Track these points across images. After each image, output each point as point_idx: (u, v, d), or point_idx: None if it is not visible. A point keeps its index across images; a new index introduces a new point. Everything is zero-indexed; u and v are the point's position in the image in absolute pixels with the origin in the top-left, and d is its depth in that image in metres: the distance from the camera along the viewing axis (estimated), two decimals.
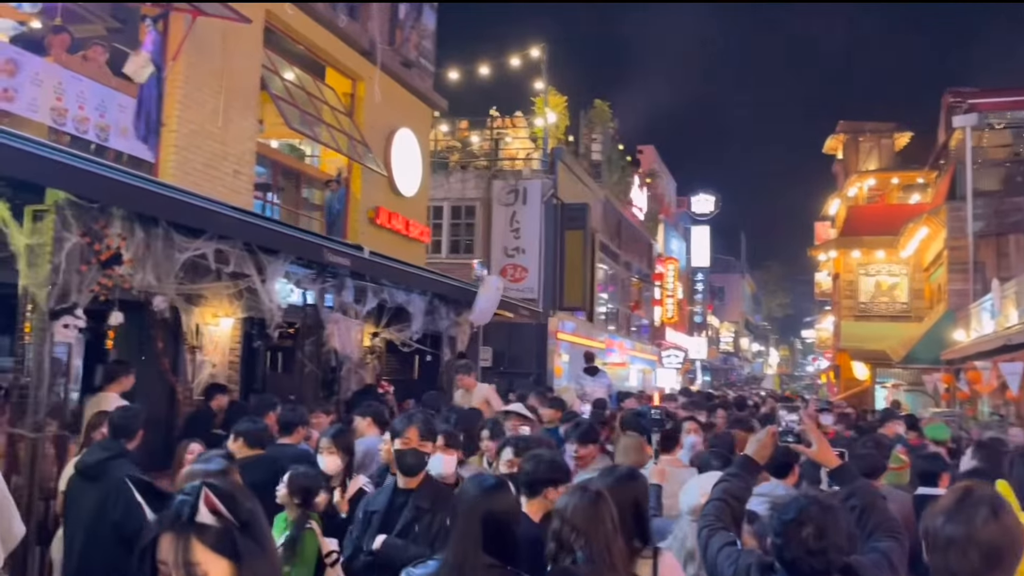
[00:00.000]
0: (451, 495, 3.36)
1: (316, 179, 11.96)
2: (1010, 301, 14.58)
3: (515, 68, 19.22)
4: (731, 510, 2.90)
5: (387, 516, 3.71)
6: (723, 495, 2.94)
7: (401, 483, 3.77)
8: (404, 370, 14.37)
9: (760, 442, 3.08)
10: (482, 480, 2.97)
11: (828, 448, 2.97)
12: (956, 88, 24.59)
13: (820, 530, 2.36)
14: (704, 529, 2.85)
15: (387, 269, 9.46)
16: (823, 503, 2.46)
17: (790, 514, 2.43)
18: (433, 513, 3.61)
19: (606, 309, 24.87)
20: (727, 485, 2.97)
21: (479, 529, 2.75)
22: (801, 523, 2.38)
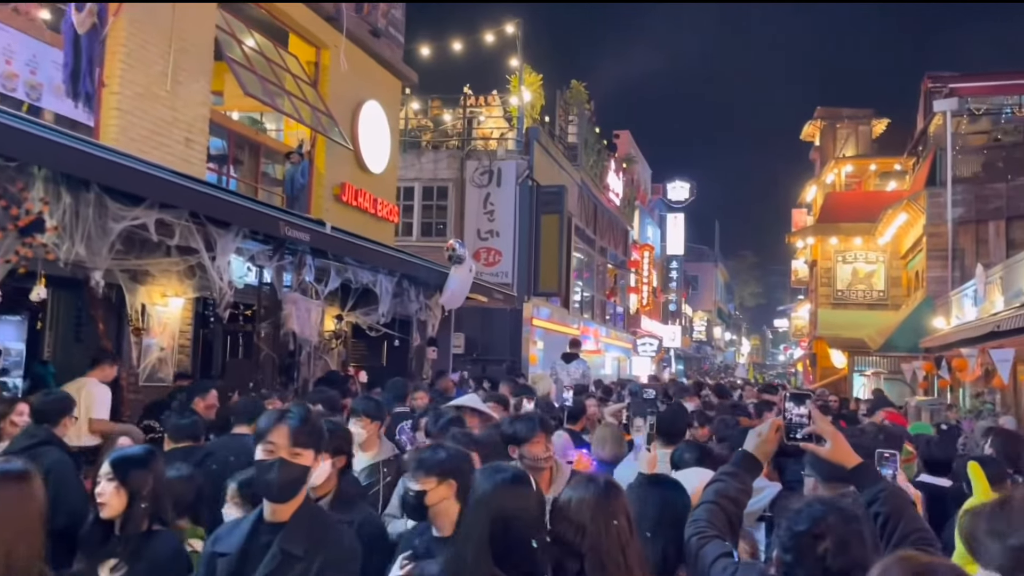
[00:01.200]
0: (341, 534, 2.57)
1: (277, 152, 11.25)
2: (995, 287, 14.24)
3: (489, 45, 18.55)
4: (726, 515, 2.36)
5: (240, 564, 2.46)
6: (717, 497, 2.39)
7: (267, 513, 2.52)
8: (372, 356, 13.76)
9: (762, 437, 2.51)
10: (496, 471, 2.41)
11: (846, 445, 2.41)
12: (935, 73, 24.32)
13: (841, 544, 1.91)
14: (694, 538, 2.33)
15: (351, 247, 8.80)
16: (844, 511, 1.99)
17: (803, 524, 1.95)
18: (308, 562, 2.42)
19: (581, 296, 24.34)
20: (722, 485, 2.42)
21: (488, 533, 2.24)
22: (817, 536, 1.92)
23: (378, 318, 10.35)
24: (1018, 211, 19.63)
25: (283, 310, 8.09)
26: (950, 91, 21.67)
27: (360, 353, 14.06)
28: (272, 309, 8.27)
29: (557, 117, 21.83)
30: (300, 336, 8.22)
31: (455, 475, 2.77)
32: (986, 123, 22.75)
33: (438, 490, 2.74)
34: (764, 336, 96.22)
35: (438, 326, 11.42)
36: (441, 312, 11.63)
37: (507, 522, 2.23)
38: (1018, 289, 12.19)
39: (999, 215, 19.92)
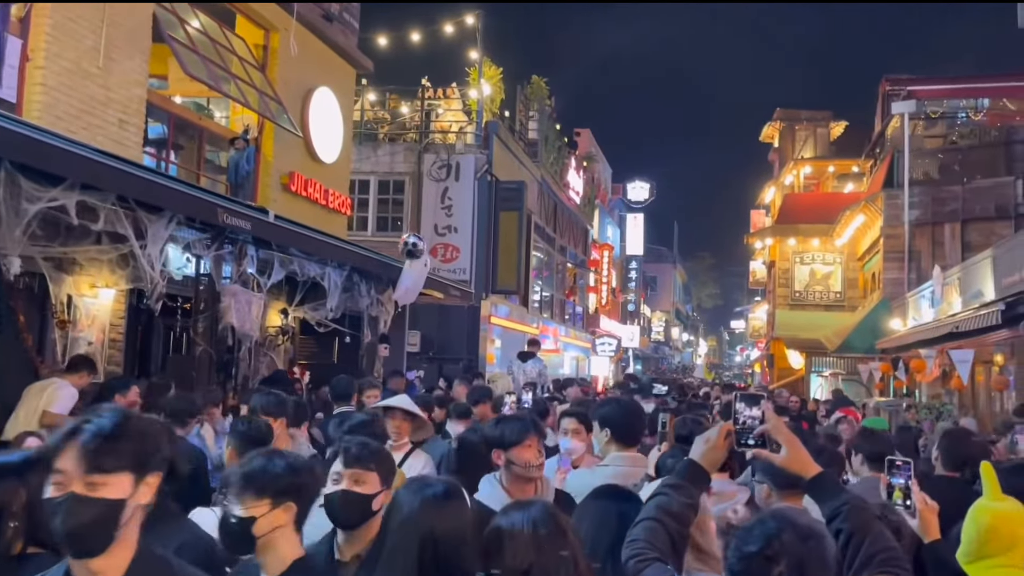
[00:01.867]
0: None
1: (222, 138, 10.68)
2: (953, 288, 14.22)
3: (448, 36, 18.13)
4: (668, 534, 1.99)
5: None
6: (658, 513, 2.01)
7: (76, 568, 1.76)
8: (322, 353, 13.24)
9: (710, 443, 2.15)
10: (424, 486, 2.05)
11: (803, 452, 2.07)
12: (893, 75, 24.48)
13: (797, 567, 1.63)
14: (632, 560, 1.96)
15: (297, 237, 8.33)
16: (801, 528, 1.70)
17: (754, 544, 1.67)
18: None
19: (540, 294, 24.02)
20: (664, 500, 2.03)
21: (415, 559, 1.90)
22: (770, 558, 1.64)
23: (326, 313, 9.89)
24: (973, 214, 19.77)
25: (221, 303, 7.59)
26: (908, 94, 21.79)
27: (309, 350, 13.53)
28: (210, 302, 7.75)
29: (517, 112, 21.48)
30: (239, 331, 7.72)
31: (295, 495, 2.15)
32: (942, 127, 22.96)
33: (271, 516, 2.11)
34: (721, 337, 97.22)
35: (390, 323, 10.96)
36: (394, 308, 11.19)
37: (438, 545, 1.85)
38: (977, 290, 12.14)
39: (955, 217, 20.04)
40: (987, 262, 12.06)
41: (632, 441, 3.78)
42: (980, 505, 2.45)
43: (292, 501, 2.15)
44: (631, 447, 3.76)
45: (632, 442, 3.78)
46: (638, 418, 3.87)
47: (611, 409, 3.87)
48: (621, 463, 3.65)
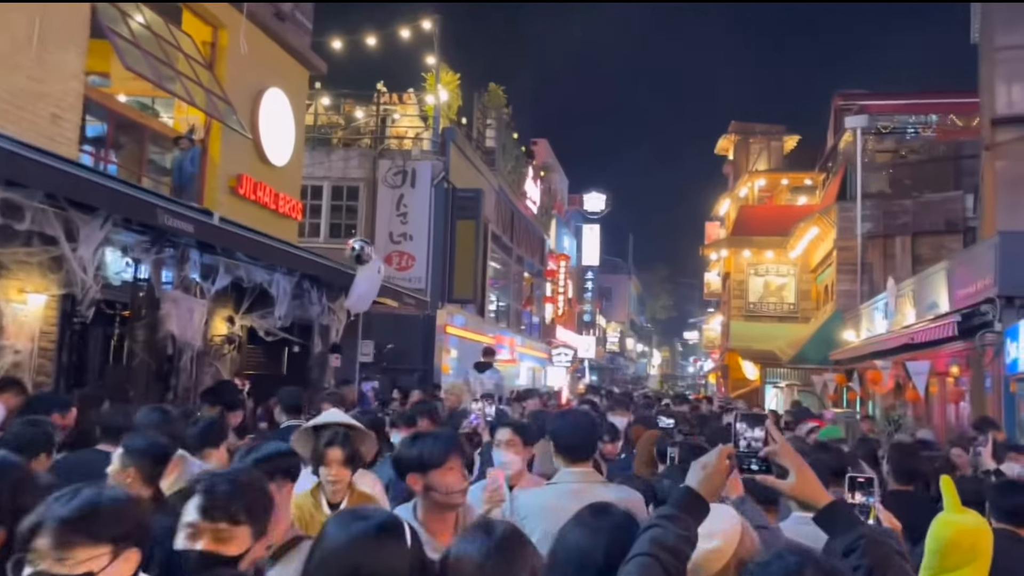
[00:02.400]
0: None
1: (166, 138, 10.22)
2: (907, 300, 14.31)
3: (405, 41, 17.78)
4: (665, 571, 1.70)
5: None
6: (652, 548, 1.71)
7: None
8: (271, 364, 12.79)
9: (708, 468, 1.87)
10: (355, 519, 1.67)
11: (813, 478, 1.85)
12: (845, 91, 24.86)
13: None
14: None
15: (243, 241, 7.94)
16: (823, 565, 1.53)
17: None
18: None
19: (497, 304, 23.75)
20: (658, 532, 1.73)
21: None
22: None
23: (275, 322, 9.49)
24: (924, 227, 20.07)
25: (161, 309, 7.17)
26: (860, 108, 22.10)
27: (257, 360, 13.05)
28: (149, 309, 7.33)
29: (475, 120, 21.23)
30: (180, 339, 7.30)
31: (136, 538, 1.72)
32: (892, 142, 23.34)
33: (112, 570, 1.66)
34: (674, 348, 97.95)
35: (342, 332, 10.58)
36: (346, 316, 10.83)
37: None
38: (932, 302, 12.20)
39: (906, 231, 20.33)
40: (941, 274, 12.13)
41: (583, 456, 3.52)
42: (941, 519, 2.38)
43: (135, 545, 1.71)
44: (583, 462, 3.50)
45: (583, 457, 3.52)
46: (589, 432, 3.64)
47: (561, 423, 3.66)
48: (573, 479, 3.41)
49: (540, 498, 3.31)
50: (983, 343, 10.07)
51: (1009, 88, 12.04)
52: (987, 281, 10.05)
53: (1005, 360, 9.62)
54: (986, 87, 12.26)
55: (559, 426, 3.61)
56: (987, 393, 10.24)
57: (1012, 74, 11.99)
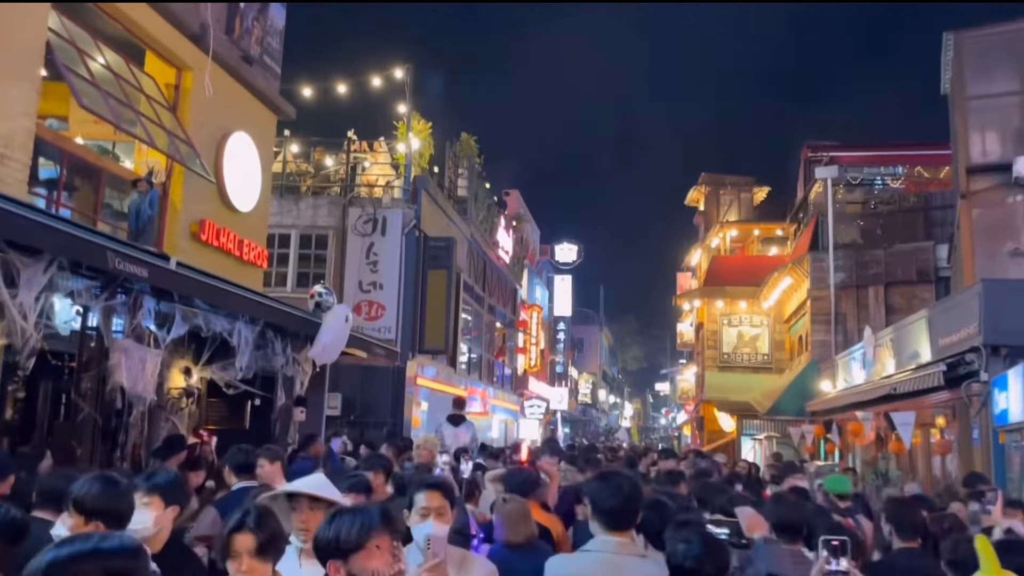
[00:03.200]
0: None
1: (124, 181, 9.78)
2: (886, 350, 14.12)
3: (377, 89, 17.66)
4: None
5: None
6: None
7: None
8: (233, 418, 12.18)
9: None
10: None
11: None
12: (814, 143, 25.13)
13: None
14: None
15: (202, 287, 7.48)
16: None
17: None
18: None
19: (469, 355, 23.27)
20: None
21: None
22: None
23: (235, 373, 8.97)
24: (896, 277, 20.09)
25: (110, 360, 6.65)
26: (830, 159, 22.29)
27: (219, 414, 12.43)
28: (98, 359, 6.81)
29: (447, 169, 21.03)
30: (130, 392, 6.77)
31: None
32: (861, 193, 23.54)
33: None
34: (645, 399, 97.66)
35: (307, 384, 10.06)
36: (312, 368, 10.31)
37: None
38: (913, 351, 11.99)
39: (878, 281, 20.34)
40: (922, 323, 11.95)
41: (624, 524, 3.13)
42: None
43: None
44: (622, 531, 3.11)
45: (624, 525, 3.12)
46: (631, 498, 3.16)
47: (602, 486, 3.23)
48: (608, 548, 3.05)
49: (570, 567, 3.08)
50: (970, 393, 9.82)
51: (983, 136, 12.08)
52: (971, 330, 9.85)
53: (993, 410, 9.37)
54: (960, 136, 12.29)
55: (598, 489, 3.21)
56: (975, 445, 9.96)
57: (985, 123, 12.04)
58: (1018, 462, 8.84)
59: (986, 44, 12.07)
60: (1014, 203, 11.52)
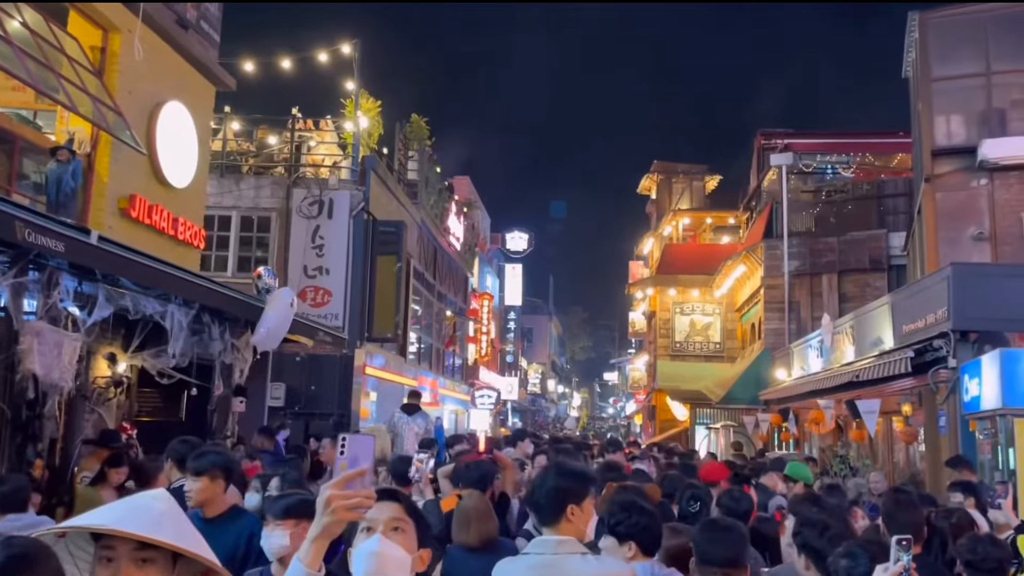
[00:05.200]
0: None
1: (43, 150, 8.92)
2: (845, 337, 13.93)
3: (323, 66, 16.83)
4: None
5: None
6: None
7: None
8: (169, 409, 11.39)
9: None
10: None
11: None
12: (767, 130, 25.04)
13: None
14: None
15: (128, 265, 6.75)
16: None
17: None
18: None
19: (419, 344, 22.61)
20: None
21: None
22: None
23: (168, 361, 8.24)
24: (849, 265, 20.09)
25: (20, 344, 5.91)
26: (785, 146, 22.17)
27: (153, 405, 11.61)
28: (6, 343, 6.06)
29: (396, 151, 20.30)
30: (44, 380, 6.03)
31: None
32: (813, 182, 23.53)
33: None
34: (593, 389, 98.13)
35: (247, 372, 9.36)
36: (253, 355, 9.61)
37: None
38: (876, 338, 11.78)
39: (832, 268, 20.31)
40: (885, 309, 11.74)
41: (549, 518, 2.79)
42: None
43: None
44: (551, 526, 2.79)
45: (549, 519, 2.79)
46: (556, 489, 2.78)
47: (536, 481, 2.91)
48: (543, 549, 2.75)
49: (509, 573, 2.77)
50: (937, 380, 9.59)
51: (948, 119, 11.90)
52: (939, 315, 9.61)
53: (962, 398, 9.14)
54: (924, 119, 12.09)
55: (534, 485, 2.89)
56: (942, 433, 9.75)
57: (950, 105, 11.86)
58: (988, 451, 8.62)
59: (951, 25, 11.88)
60: (978, 187, 11.37)
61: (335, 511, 1.64)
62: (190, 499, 3.74)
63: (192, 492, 3.75)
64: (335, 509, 1.64)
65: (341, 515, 1.64)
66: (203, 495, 3.77)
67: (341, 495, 1.65)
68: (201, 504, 3.78)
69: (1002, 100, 11.69)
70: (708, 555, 2.92)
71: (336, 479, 1.69)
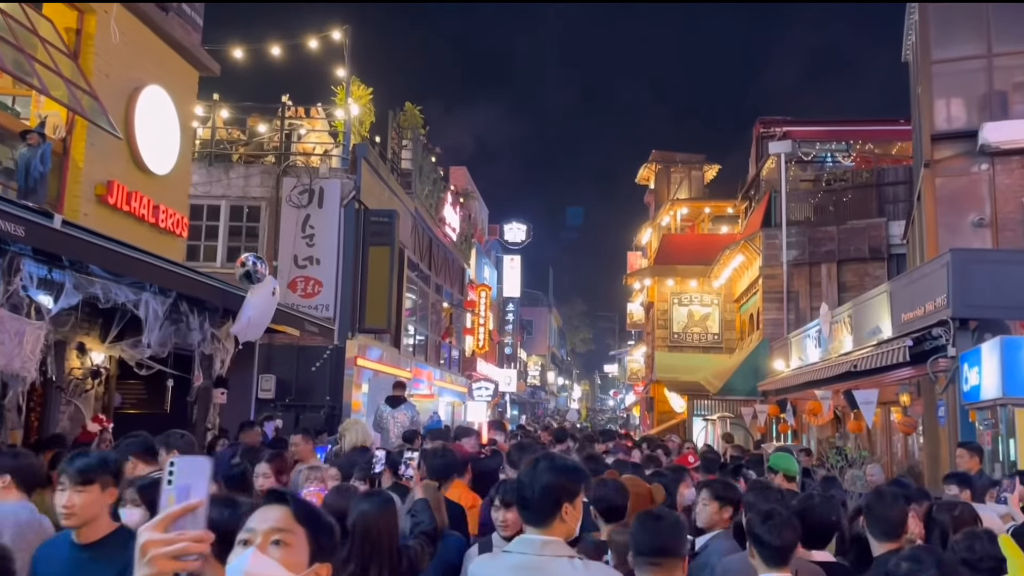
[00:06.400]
0: None
1: (12, 133, 8.66)
2: (843, 327, 13.69)
3: (312, 52, 16.55)
4: None
5: None
6: None
7: None
8: (153, 401, 11.20)
9: None
10: None
11: None
12: (766, 118, 24.74)
13: None
14: None
15: (97, 251, 6.51)
16: None
17: None
18: None
19: (415, 336, 22.37)
20: None
21: None
22: None
23: (144, 351, 8.03)
24: (848, 254, 19.84)
25: None
26: (784, 134, 21.88)
27: (137, 397, 11.45)
28: None
29: (390, 140, 20.01)
30: (5, 371, 5.80)
31: None
32: (812, 171, 23.25)
33: None
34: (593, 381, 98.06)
35: (228, 363, 9.13)
36: (235, 345, 9.37)
37: None
38: (874, 327, 11.53)
39: (831, 258, 20.06)
40: (883, 298, 11.49)
41: (536, 518, 2.57)
42: None
43: None
44: (538, 526, 2.57)
45: (536, 519, 2.58)
46: (550, 489, 2.54)
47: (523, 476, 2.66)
48: (527, 549, 2.56)
49: (485, 572, 2.60)
50: (936, 369, 9.36)
51: (948, 103, 11.61)
52: (938, 303, 9.36)
53: (961, 387, 8.91)
54: (924, 103, 11.80)
55: (520, 476, 2.67)
56: (941, 423, 9.51)
57: (950, 88, 11.57)
58: (988, 441, 8.38)
59: (952, 7, 11.57)
60: (979, 172, 11.09)
61: (152, 560, 1.26)
62: (65, 516, 2.85)
63: (73, 507, 2.81)
64: (152, 559, 1.26)
65: (161, 566, 1.26)
66: (88, 512, 2.80)
67: (160, 540, 1.28)
68: (81, 524, 2.82)
69: (1004, 82, 11.41)
70: (640, 545, 2.78)
71: (158, 518, 1.31)
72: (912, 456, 10.82)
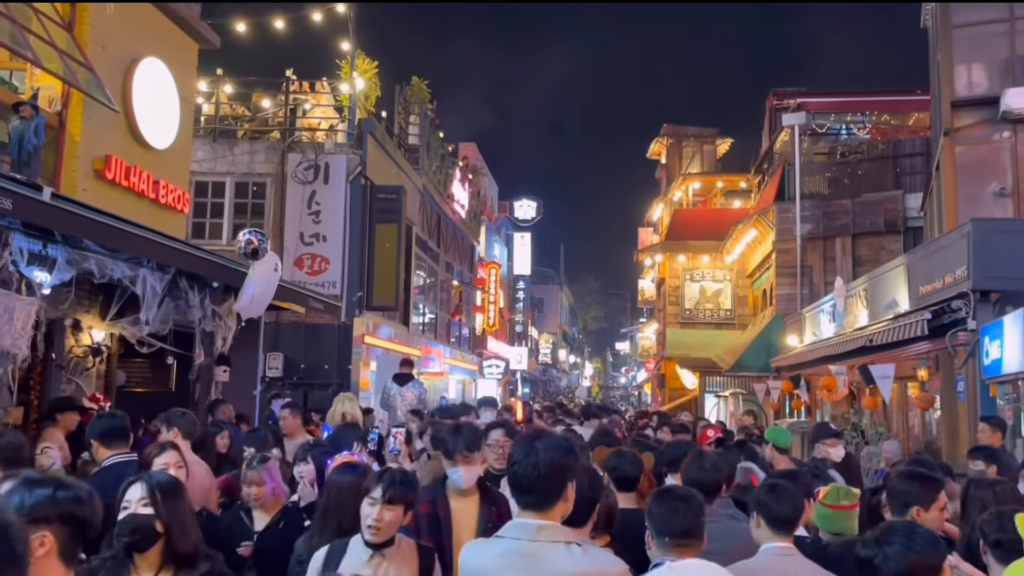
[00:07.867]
0: None
1: (5, 105, 8.48)
2: (858, 301, 13.41)
3: (317, 25, 16.25)
4: None
5: None
6: None
7: None
8: (157, 379, 11.12)
9: None
10: None
11: None
12: (780, 89, 24.29)
13: None
14: None
15: (89, 225, 6.32)
16: None
17: None
18: None
19: (424, 313, 22.23)
20: None
21: None
22: None
23: (142, 328, 7.87)
24: (863, 228, 19.47)
25: None
26: (798, 105, 21.45)
27: (142, 375, 11.32)
28: None
29: (396, 115, 19.75)
30: None
31: None
32: (827, 143, 22.82)
33: None
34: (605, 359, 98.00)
35: (231, 340, 8.96)
36: (237, 322, 9.20)
37: None
38: (891, 300, 11.26)
39: (846, 231, 19.70)
40: (900, 271, 11.20)
41: (537, 503, 2.44)
42: None
43: None
44: (539, 511, 2.43)
45: (538, 504, 2.43)
46: (552, 471, 2.41)
47: (515, 453, 2.56)
48: (523, 535, 2.46)
49: (479, 558, 2.45)
50: (955, 343, 9.09)
51: (968, 68, 11.24)
52: (958, 275, 9.09)
53: (981, 361, 8.65)
54: (944, 69, 11.43)
55: (515, 454, 2.52)
56: (960, 398, 9.26)
57: (971, 53, 11.19)
58: (1009, 416, 8.13)
59: None
60: (1000, 139, 10.74)
61: None
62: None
63: None
64: None
65: None
66: None
67: None
68: None
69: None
70: (669, 527, 2.68)
71: None
72: (929, 432, 10.58)
